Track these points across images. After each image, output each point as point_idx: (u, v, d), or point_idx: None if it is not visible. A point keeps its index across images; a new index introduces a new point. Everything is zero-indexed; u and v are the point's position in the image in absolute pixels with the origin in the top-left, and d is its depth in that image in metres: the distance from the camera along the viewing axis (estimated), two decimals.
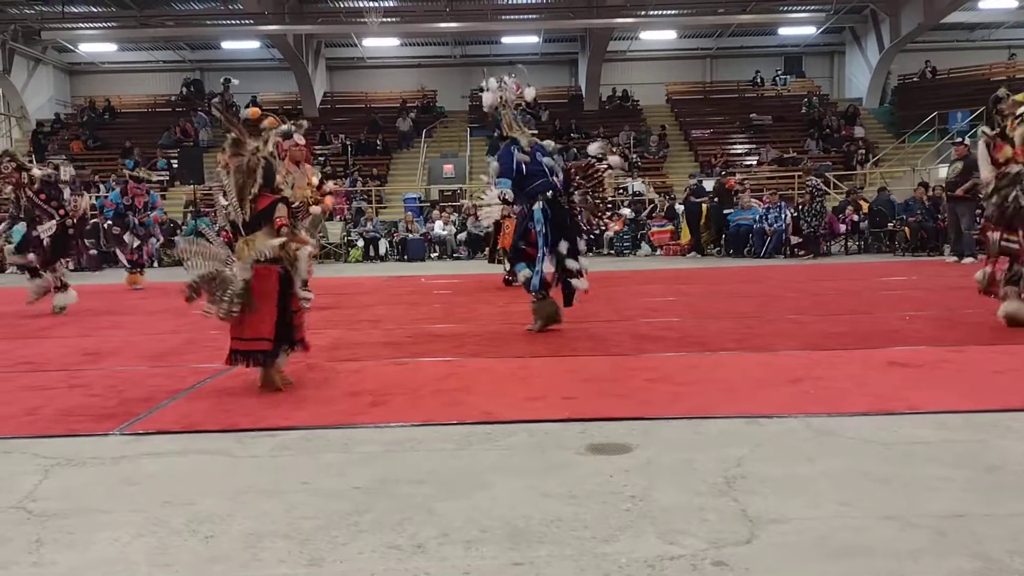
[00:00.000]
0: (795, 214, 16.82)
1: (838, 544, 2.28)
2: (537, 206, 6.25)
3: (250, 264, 4.33)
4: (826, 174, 22.94)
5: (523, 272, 6.41)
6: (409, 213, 20.79)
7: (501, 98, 6.47)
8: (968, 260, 13.03)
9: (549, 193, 6.28)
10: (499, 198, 6.64)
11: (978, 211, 14.48)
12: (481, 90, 6.76)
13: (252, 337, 4.37)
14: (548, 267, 6.27)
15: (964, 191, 13.25)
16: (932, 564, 2.14)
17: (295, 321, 4.55)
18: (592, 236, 7.07)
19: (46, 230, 8.31)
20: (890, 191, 18.64)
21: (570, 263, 6.36)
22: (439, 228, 20.09)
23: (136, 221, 12.22)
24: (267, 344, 4.37)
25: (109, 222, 13.01)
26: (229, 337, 4.47)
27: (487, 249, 13.48)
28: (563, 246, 6.31)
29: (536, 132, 6.79)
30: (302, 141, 7.58)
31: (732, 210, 17.26)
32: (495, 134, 6.60)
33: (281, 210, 4.44)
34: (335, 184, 8.85)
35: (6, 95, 28.40)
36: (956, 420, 3.52)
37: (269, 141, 4.65)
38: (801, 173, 22.73)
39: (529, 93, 6.59)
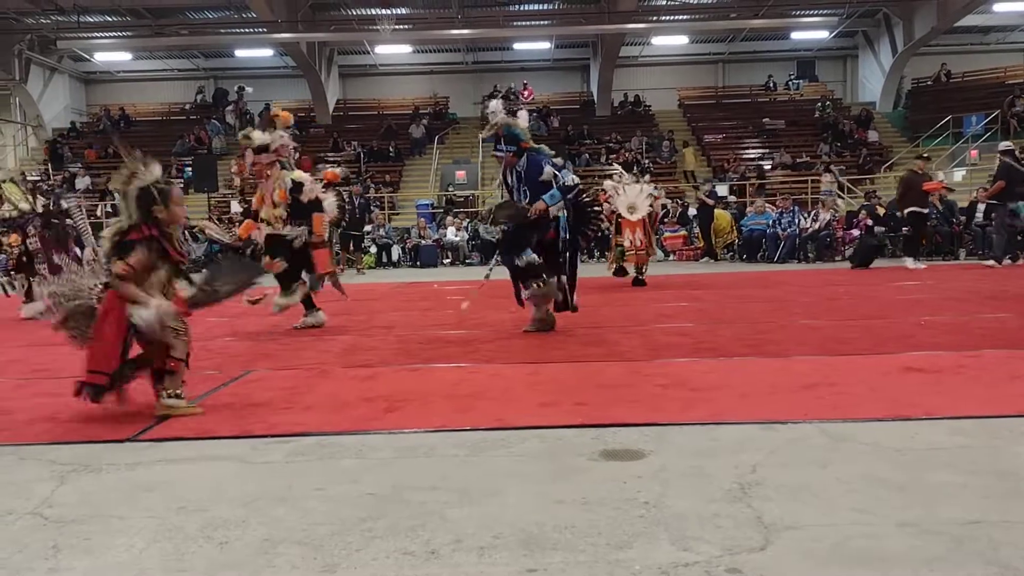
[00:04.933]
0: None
1: (853, 551, 2.26)
2: (562, 214, 6.45)
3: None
4: (840, 178, 22.86)
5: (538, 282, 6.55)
6: (422, 219, 20.85)
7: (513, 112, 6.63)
8: (990, 262, 12.95)
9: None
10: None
11: (992, 215, 14.40)
12: (492, 96, 6.86)
13: (90, 369, 4.00)
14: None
15: (988, 196, 13.19)
16: (948, 571, 2.12)
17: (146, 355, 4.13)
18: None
19: None
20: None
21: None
22: (451, 234, 20.13)
23: None
24: (102, 378, 3.96)
25: None
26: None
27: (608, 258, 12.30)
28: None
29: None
30: (248, 159, 7.14)
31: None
32: (504, 149, 6.53)
33: (136, 257, 3.95)
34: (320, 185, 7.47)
35: (22, 104, 28.70)
36: (972, 426, 3.49)
37: (154, 168, 4.17)
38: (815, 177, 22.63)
39: (523, 117, 6.74)
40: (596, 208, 7.07)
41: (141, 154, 4.19)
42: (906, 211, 13.75)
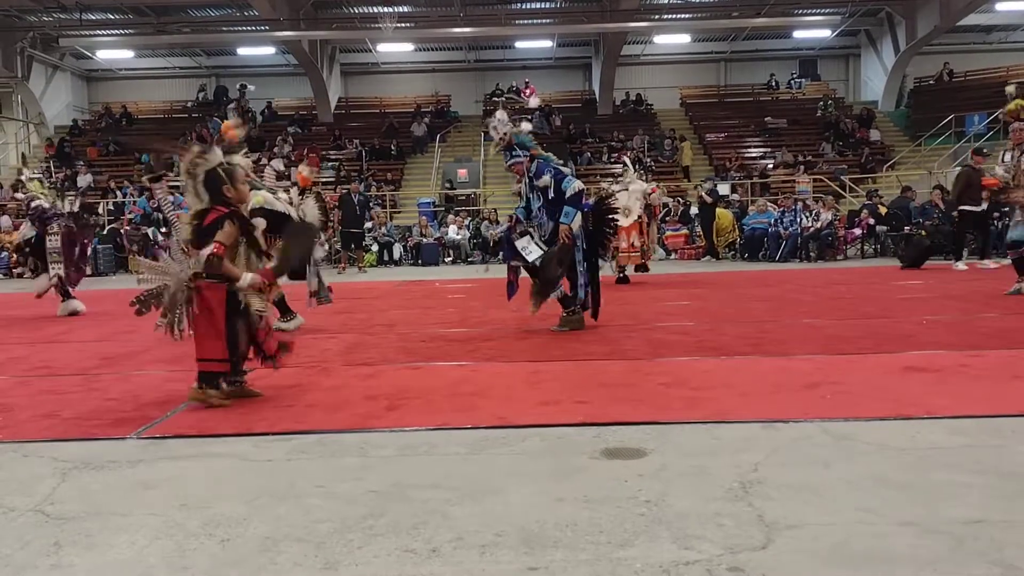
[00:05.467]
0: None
1: (855, 550, 2.26)
2: (578, 223, 6.54)
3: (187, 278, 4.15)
4: (841, 177, 22.84)
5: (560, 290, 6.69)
6: (423, 218, 20.84)
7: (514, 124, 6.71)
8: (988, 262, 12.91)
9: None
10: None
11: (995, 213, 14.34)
12: (495, 95, 6.94)
13: (202, 357, 4.17)
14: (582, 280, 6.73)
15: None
16: (951, 571, 2.12)
17: (259, 337, 4.31)
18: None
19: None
20: (914, 192, 18.46)
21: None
22: (453, 232, 20.13)
23: (162, 218, 12.52)
24: (220, 365, 4.17)
25: (129, 228, 13.28)
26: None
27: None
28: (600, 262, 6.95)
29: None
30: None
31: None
32: (520, 155, 6.66)
33: (224, 233, 4.08)
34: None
35: (24, 101, 28.69)
36: (974, 425, 3.48)
37: (215, 151, 4.27)
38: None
39: (534, 101, 6.80)
40: (615, 214, 7.20)
41: (198, 143, 4.34)
42: (959, 208, 12.89)
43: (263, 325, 4.36)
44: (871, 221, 17.74)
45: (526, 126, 6.80)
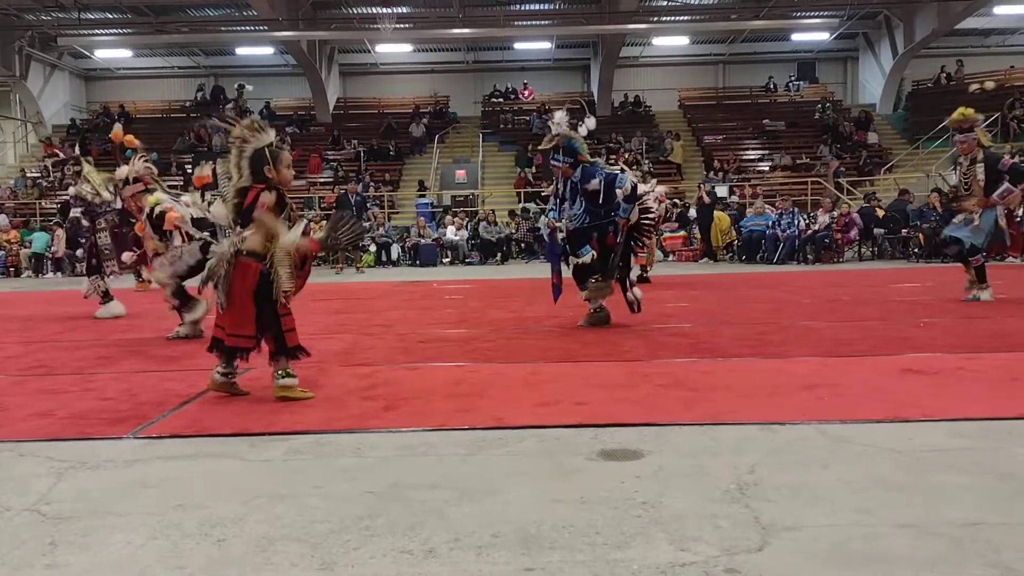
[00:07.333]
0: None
1: (853, 552, 2.26)
2: (635, 217, 6.73)
3: (229, 254, 4.24)
4: (839, 180, 22.88)
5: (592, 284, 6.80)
6: (421, 218, 20.84)
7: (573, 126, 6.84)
8: None
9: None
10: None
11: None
12: (494, 96, 7.01)
13: (231, 332, 4.29)
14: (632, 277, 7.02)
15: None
16: (949, 573, 2.12)
17: (284, 326, 4.31)
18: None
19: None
20: (912, 195, 18.46)
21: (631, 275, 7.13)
22: (451, 233, 20.13)
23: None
24: (247, 341, 4.29)
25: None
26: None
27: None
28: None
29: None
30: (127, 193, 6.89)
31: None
32: (561, 160, 6.76)
33: (265, 197, 4.19)
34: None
35: (23, 100, 28.69)
36: (972, 427, 3.48)
37: (269, 131, 4.37)
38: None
39: (591, 122, 6.98)
40: (650, 215, 7.26)
41: (258, 119, 4.45)
42: None
43: (288, 311, 4.33)
44: (857, 219, 17.67)
45: (583, 130, 6.87)
